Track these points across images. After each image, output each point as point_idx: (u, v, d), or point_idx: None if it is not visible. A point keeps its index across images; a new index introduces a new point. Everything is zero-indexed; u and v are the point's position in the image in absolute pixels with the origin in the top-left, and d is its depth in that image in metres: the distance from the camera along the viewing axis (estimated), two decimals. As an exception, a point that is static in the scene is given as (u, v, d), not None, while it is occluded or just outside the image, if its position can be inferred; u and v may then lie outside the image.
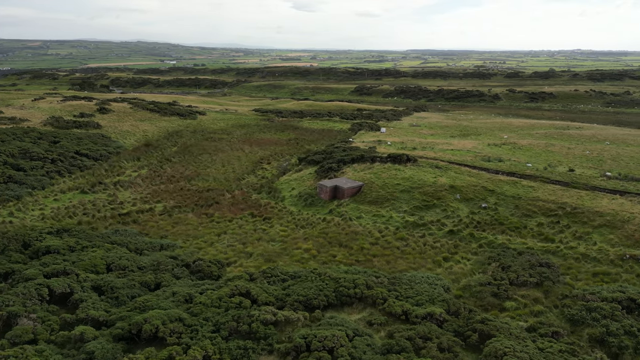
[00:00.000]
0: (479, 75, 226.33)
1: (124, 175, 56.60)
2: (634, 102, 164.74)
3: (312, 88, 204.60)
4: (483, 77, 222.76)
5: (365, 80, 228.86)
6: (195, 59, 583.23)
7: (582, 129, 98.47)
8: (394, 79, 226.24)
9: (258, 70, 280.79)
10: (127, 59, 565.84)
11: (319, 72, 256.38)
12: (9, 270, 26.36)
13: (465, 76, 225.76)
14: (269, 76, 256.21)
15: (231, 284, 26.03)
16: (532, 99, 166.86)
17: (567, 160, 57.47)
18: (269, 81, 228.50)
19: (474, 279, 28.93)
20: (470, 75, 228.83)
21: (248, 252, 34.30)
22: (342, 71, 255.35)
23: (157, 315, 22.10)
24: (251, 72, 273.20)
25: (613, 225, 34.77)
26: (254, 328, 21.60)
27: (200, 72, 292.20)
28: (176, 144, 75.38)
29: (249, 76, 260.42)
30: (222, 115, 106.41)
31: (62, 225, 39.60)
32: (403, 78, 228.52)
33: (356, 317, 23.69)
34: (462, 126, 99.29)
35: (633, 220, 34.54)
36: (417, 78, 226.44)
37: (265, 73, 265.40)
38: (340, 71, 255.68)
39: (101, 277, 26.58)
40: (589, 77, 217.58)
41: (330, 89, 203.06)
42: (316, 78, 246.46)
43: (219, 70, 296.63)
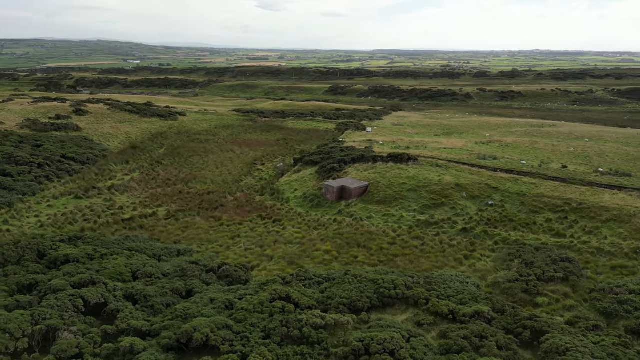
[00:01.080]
0: (449, 75, 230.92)
1: (116, 179, 54.82)
2: (598, 100, 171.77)
3: (286, 88, 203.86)
4: (452, 77, 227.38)
5: (338, 80, 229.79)
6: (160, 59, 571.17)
7: (556, 126, 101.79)
8: (366, 79, 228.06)
9: (228, 70, 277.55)
10: (88, 59, 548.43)
11: (291, 72, 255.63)
12: (32, 282, 25.04)
13: (435, 76, 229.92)
14: (240, 76, 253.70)
15: (268, 288, 25.58)
16: (502, 97, 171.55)
17: (556, 157, 59.37)
18: (241, 81, 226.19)
19: (501, 276, 29.45)
20: (440, 75, 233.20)
21: (268, 255, 33.79)
22: (314, 71, 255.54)
23: (205, 323, 21.47)
24: (221, 72, 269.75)
25: (620, 219, 36.13)
26: (305, 333, 21.29)
27: (168, 72, 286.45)
28: (162, 146, 73.60)
29: (220, 76, 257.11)
30: (202, 116, 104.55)
31: (64, 232, 38.03)
32: (375, 78, 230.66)
33: (402, 318, 23.70)
34: (443, 125, 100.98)
35: (637, 214, 35.98)
36: (389, 78, 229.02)
37: (236, 73, 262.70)
38: (312, 71, 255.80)
39: (132, 286, 25.61)
40: (553, 76, 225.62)
41: (305, 88, 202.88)
42: (288, 78, 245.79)
43: (188, 70, 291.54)
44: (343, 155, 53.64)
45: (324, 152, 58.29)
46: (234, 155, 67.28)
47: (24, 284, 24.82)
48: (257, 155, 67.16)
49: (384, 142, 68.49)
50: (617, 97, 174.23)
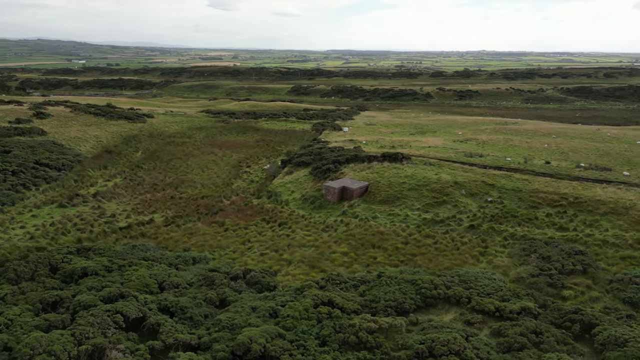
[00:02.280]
0: (407, 75, 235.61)
1: (98, 186, 52.19)
2: (549, 98, 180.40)
3: (248, 88, 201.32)
4: (410, 77, 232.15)
5: (299, 80, 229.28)
6: (107, 58, 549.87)
7: (518, 124, 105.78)
8: (327, 79, 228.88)
9: (185, 70, 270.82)
10: (29, 59, 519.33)
11: (250, 72, 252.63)
12: (56, 299, 23.29)
13: (394, 76, 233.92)
14: (198, 76, 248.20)
15: (308, 293, 25.01)
16: (461, 96, 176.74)
17: (535, 154, 61.68)
18: (200, 81, 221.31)
19: (523, 271, 30.21)
20: (398, 74, 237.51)
21: (286, 259, 33.11)
22: (274, 71, 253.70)
23: (258, 333, 20.71)
24: (178, 72, 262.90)
25: (617, 212, 37.98)
26: (362, 338, 20.96)
27: (120, 72, 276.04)
28: (138, 150, 70.81)
29: (177, 76, 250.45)
30: (171, 117, 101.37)
31: (60, 244, 35.78)
32: (336, 78, 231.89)
33: (448, 317, 23.81)
34: (414, 124, 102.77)
35: (634, 206, 37.98)
36: (349, 78, 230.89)
37: (193, 73, 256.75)
38: (272, 71, 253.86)
39: (163, 297, 24.33)
40: (504, 76, 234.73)
41: (267, 89, 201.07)
42: (248, 78, 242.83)
43: (142, 70, 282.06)
44: (336, 155, 53.44)
45: (313, 152, 57.88)
46: (216, 157, 65.64)
47: (48, 301, 23.05)
48: (240, 157, 65.85)
49: (367, 142, 68.86)
50: (566, 95, 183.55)
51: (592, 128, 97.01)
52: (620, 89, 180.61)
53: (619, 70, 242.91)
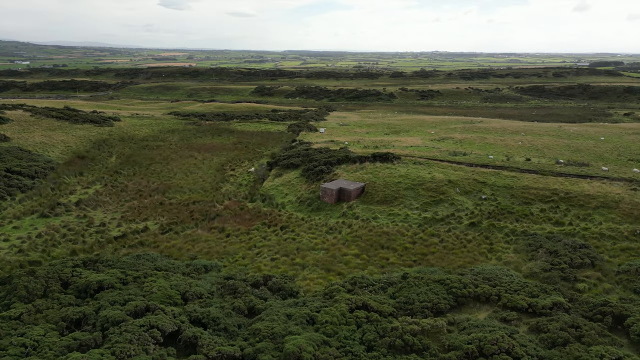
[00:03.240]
0: (368, 76, 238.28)
1: (78, 194, 49.66)
2: (505, 97, 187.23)
3: (210, 89, 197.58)
4: (372, 77, 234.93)
5: (261, 80, 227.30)
6: (53, 59, 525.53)
7: (483, 122, 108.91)
8: (289, 79, 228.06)
9: (141, 71, 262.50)
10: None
11: (210, 73, 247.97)
12: (79, 316, 21.81)
13: (355, 76, 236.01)
14: (155, 77, 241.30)
15: (340, 297, 24.63)
16: (423, 96, 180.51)
17: (513, 151, 63.67)
18: (159, 82, 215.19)
19: (533, 266, 31.01)
20: (359, 75, 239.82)
21: (299, 263, 32.55)
22: (235, 71, 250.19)
23: (304, 341, 20.19)
24: (134, 73, 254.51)
25: (608, 205, 39.76)
26: (408, 341, 20.84)
27: (71, 73, 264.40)
28: (111, 154, 67.93)
29: (132, 77, 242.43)
30: (139, 120, 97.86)
31: (53, 256, 33.75)
32: (298, 78, 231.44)
33: (482, 315, 24.07)
34: (386, 124, 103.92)
35: (623, 200, 39.87)
36: (312, 78, 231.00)
37: (150, 74, 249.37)
38: (233, 71, 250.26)
39: (192, 309, 23.29)
40: (461, 76, 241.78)
41: (229, 89, 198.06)
42: (208, 79, 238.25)
43: (94, 71, 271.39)
44: (326, 157, 53.17)
45: (300, 154, 57.37)
46: (197, 161, 63.90)
47: (71, 318, 21.56)
48: (222, 161, 64.40)
49: (350, 143, 68.96)
50: (521, 94, 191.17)
51: (555, 126, 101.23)
52: (570, 88, 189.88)
53: (567, 70, 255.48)
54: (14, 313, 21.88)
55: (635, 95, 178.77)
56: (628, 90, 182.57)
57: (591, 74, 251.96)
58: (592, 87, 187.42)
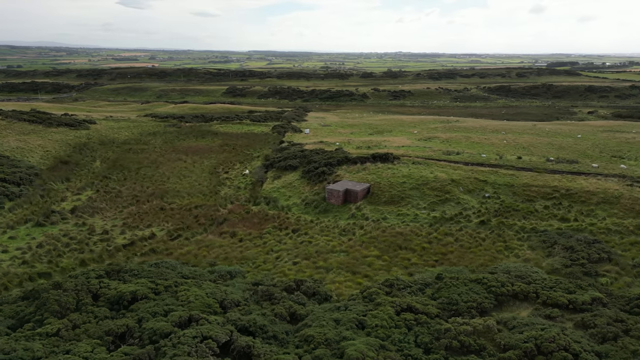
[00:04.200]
0: (339, 76, 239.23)
1: (70, 201, 47.53)
2: (474, 97, 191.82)
3: (180, 90, 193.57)
4: (342, 78, 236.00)
5: (231, 81, 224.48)
6: (6, 60, 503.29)
7: (460, 121, 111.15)
8: (260, 80, 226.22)
9: (105, 71, 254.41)
10: None
11: (178, 74, 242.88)
12: (123, 329, 20.72)
13: (326, 77, 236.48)
14: (120, 78, 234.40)
15: (383, 300, 24.42)
16: (395, 96, 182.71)
17: (501, 150, 65.16)
18: (125, 84, 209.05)
19: (554, 262, 31.72)
20: (330, 75, 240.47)
21: (322, 266, 32.14)
22: (204, 72, 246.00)
23: (363, 347, 19.87)
24: (97, 74, 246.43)
25: (609, 201, 41.20)
26: (464, 341, 20.86)
27: (29, 74, 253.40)
28: (94, 159, 65.38)
29: (96, 78, 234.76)
30: (115, 123, 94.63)
31: (61, 267, 32.16)
32: (269, 79, 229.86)
33: (525, 313, 24.37)
34: (367, 124, 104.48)
35: (623, 195, 41.40)
36: (283, 79, 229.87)
37: (114, 75, 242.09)
38: (202, 72, 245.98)
39: (237, 317, 22.53)
40: (429, 76, 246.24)
41: (200, 90, 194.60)
42: (176, 80, 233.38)
43: (54, 72, 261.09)
44: (325, 158, 52.86)
45: (296, 156, 56.82)
46: (187, 164, 62.32)
47: (116, 332, 20.46)
48: (213, 163, 63.05)
49: (341, 143, 68.90)
50: (489, 94, 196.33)
51: (529, 124, 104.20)
52: (535, 88, 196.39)
53: (529, 70, 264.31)
54: (51, 329, 20.57)
55: (595, 94, 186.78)
56: (589, 89, 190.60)
57: (551, 74, 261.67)
58: (555, 87, 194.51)
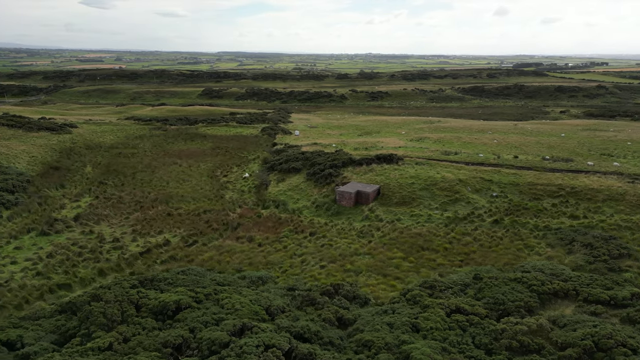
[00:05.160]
0: (314, 77, 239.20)
1: (70, 208, 45.78)
2: (449, 97, 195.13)
3: (155, 92, 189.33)
4: (318, 79, 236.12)
5: (205, 82, 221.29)
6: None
7: (442, 122, 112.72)
8: (235, 81, 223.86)
9: (73, 73, 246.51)
10: None
11: (150, 75, 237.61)
12: (179, 340, 19.93)
13: (302, 78, 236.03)
14: (90, 80, 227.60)
15: (429, 302, 24.39)
16: (373, 97, 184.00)
17: (495, 149, 66.34)
18: (97, 86, 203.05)
19: (577, 259, 32.39)
20: (306, 77, 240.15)
21: (350, 269, 31.87)
22: (177, 73, 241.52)
23: (428, 350, 19.76)
24: (65, 76, 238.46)
25: (614, 198, 42.48)
26: (523, 341, 21.00)
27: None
28: (84, 164, 63.14)
29: (64, 80, 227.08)
30: (97, 127, 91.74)
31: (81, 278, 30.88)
32: (244, 80, 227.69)
33: (569, 310, 24.75)
34: (353, 125, 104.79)
35: (627, 192, 42.76)
36: (258, 80, 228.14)
37: (83, 77, 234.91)
38: (175, 73, 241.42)
39: (288, 324, 22.04)
40: (403, 77, 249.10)
41: (175, 92, 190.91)
42: (148, 81, 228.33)
43: (18, 74, 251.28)
44: (330, 160, 52.60)
45: (299, 158, 56.34)
46: (184, 168, 60.93)
47: (173, 343, 19.67)
48: (209, 167, 61.86)
49: (337, 144, 68.78)
50: (463, 94, 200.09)
51: (510, 124, 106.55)
52: (507, 88, 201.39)
53: (499, 71, 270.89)
54: (102, 343, 19.60)
55: (565, 94, 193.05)
56: (558, 89, 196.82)
57: (520, 74, 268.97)
58: (527, 87, 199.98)
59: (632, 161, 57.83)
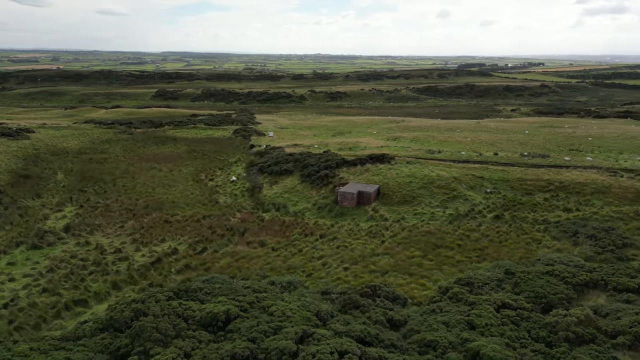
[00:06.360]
0: (270, 78, 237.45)
1: (54, 218, 42.99)
2: (405, 97, 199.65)
3: (104, 94, 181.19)
4: (274, 79, 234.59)
5: (157, 83, 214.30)
6: None
7: (405, 121, 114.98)
8: (188, 82, 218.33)
9: (11, 75, 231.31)
10: None
11: (96, 76, 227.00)
12: (247, 353, 18.95)
13: (257, 78, 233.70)
14: (30, 82, 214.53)
15: (473, 299, 24.70)
16: (332, 98, 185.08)
17: (473, 147, 68.40)
18: (40, 88, 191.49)
19: (585, 250, 33.81)
20: (262, 77, 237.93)
21: (375, 270, 31.67)
22: (126, 74, 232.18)
23: (498, 347, 19.98)
24: (2, 78, 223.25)
25: (602, 191, 44.85)
26: (577, 332, 21.67)
27: None
28: (55, 172, 59.33)
29: (1, 82, 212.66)
30: (57, 131, 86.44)
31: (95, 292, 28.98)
32: (197, 81, 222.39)
33: (601, 300, 25.81)
34: (322, 126, 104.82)
35: (612, 185, 45.27)
36: (213, 81, 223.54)
37: (22, 78, 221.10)
38: (123, 75, 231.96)
39: (348, 328, 21.43)
40: (358, 77, 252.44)
41: (127, 94, 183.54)
42: (95, 82, 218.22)
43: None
44: (323, 161, 52.22)
45: (289, 160, 55.57)
46: (165, 173, 58.60)
47: (241, 355, 18.69)
48: (191, 171, 59.85)
49: (319, 145, 68.48)
50: (418, 94, 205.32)
51: (472, 122, 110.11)
52: (459, 88, 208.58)
53: (448, 72, 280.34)
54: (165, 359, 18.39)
55: (512, 93, 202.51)
56: (506, 89, 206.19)
57: (468, 74, 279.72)
58: (478, 87, 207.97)
59: (600, 156, 61.30)
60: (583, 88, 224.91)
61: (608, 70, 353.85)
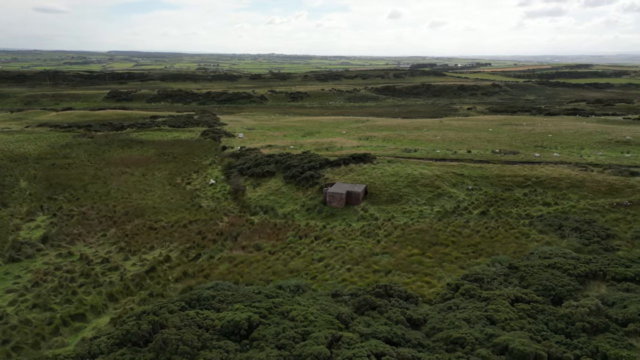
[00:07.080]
0: (227, 78, 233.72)
1: (27, 229, 40.38)
2: (365, 97, 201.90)
3: (52, 96, 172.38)
4: (231, 80, 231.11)
5: (109, 84, 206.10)
6: None
7: (370, 121, 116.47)
8: (141, 83, 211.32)
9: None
10: None
11: (41, 77, 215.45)
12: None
13: (214, 78, 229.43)
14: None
15: (486, 295, 25.12)
16: (293, 98, 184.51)
17: (443, 145, 69.92)
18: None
19: (574, 242, 35.13)
20: (218, 77, 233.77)
21: (378, 270, 31.65)
22: (74, 75, 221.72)
23: (526, 340, 20.41)
24: None
25: (576, 185, 46.89)
26: (592, 322, 22.45)
27: None
28: (17, 179, 55.73)
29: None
30: (10, 136, 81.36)
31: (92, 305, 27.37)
32: (151, 81, 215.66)
33: (602, 290, 26.89)
34: (290, 126, 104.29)
35: (585, 179, 47.41)
36: (167, 81, 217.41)
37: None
38: (71, 75, 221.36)
39: (373, 330, 21.32)
40: (316, 77, 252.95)
41: (77, 95, 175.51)
42: (40, 84, 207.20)
43: None
44: (306, 162, 51.75)
45: (270, 162, 54.71)
46: (138, 177, 56.30)
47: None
48: (165, 175, 57.84)
49: (295, 146, 67.92)
50: (377, 94, 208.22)
51: (436, 121, 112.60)
52: (416, 87, 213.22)
53: (404, 72, 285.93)
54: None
55: (466, 92, 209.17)
56: (460, 88, 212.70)
57: (422, 74, 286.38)
58: (434, 86, 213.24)
59: (564, 151, 64.21)
60: (531, 87, 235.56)
61: (551, 70, 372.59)
